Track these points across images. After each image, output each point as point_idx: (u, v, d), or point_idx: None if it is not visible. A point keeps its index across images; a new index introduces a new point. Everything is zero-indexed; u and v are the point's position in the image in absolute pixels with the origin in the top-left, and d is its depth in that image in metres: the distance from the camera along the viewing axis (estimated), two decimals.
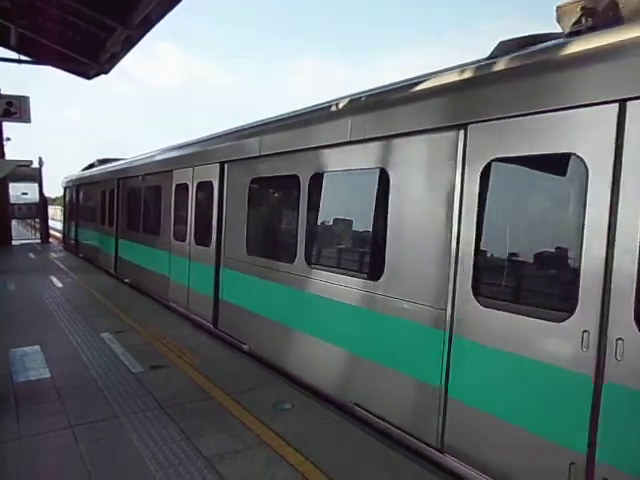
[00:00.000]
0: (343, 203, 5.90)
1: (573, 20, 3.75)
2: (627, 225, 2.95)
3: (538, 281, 3.73)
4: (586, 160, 3.17)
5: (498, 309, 3.65)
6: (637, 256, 2.89)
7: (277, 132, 6.65)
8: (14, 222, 24.11)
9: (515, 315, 3.53)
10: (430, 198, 4.28)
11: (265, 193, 7.35)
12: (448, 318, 4.01)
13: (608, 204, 3.02)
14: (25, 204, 24.18)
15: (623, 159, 2.97)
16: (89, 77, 15.39)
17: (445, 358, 4.04)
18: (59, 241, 25.71)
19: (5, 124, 20.13)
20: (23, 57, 13.52)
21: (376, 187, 4.91)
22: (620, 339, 2.94)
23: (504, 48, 4.02)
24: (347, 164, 5.36)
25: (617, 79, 3.03)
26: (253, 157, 7.06)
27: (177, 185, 9.73)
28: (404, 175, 4.58)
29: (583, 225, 3.14)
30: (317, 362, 5.66)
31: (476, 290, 3.80)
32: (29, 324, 8.15)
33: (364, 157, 5.04)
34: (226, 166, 7.90)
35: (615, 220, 3.00)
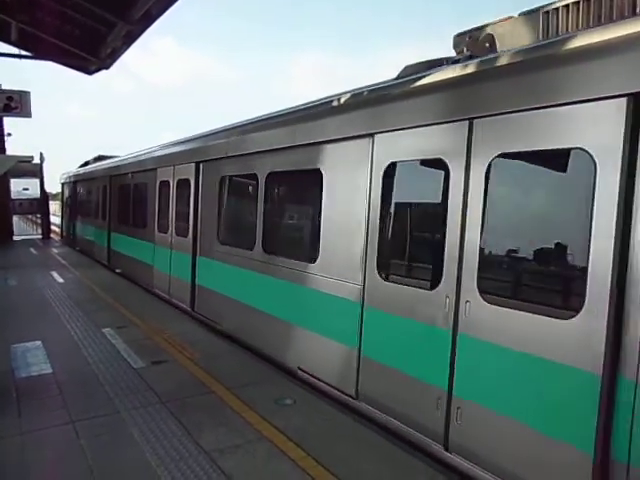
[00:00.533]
0: (291, 199, 7.10)
1: (459, 49, 4.83)
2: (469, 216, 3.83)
3: (419, 261, 4.73)
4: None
5: (394, 282, 4.66)
6: (478, 243, 3.75)
7: (240, 136, 7.55)
8: (15, 218, 24.13)
9: (404, 286, 4.53)
10: (350, 194, 5.17)
11: (232, 189, 8.17)
12: (362, 292, 4.94)
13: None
14: (26, 200, 24.20)
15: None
16: (90, 72, 15.36)
17: (360, 324, 4.97)
18: (60, 237, 25.74)
19: (6, 120, 20.12)
20: (23, 52, 13.50)
21: (314, 185, 5.72)
22: (468, 301, 3.85)
23: (408, 70, 4.97)
24: (294, 165, 6.26)
25: (467, 102, 3.95)
26: (222, 158, 7.98)
27: (160, 182, 10.62)
28: (332, 174, 5.49)
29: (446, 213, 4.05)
30: (271, 335, 6.56)
31: (379, 269, 4.78)
32: (30, 319, 8.17)
33: (306, 159, 5.91)
34: (201, 165, 8.80)
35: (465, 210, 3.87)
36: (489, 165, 3.75)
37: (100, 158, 18.84)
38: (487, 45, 4.99)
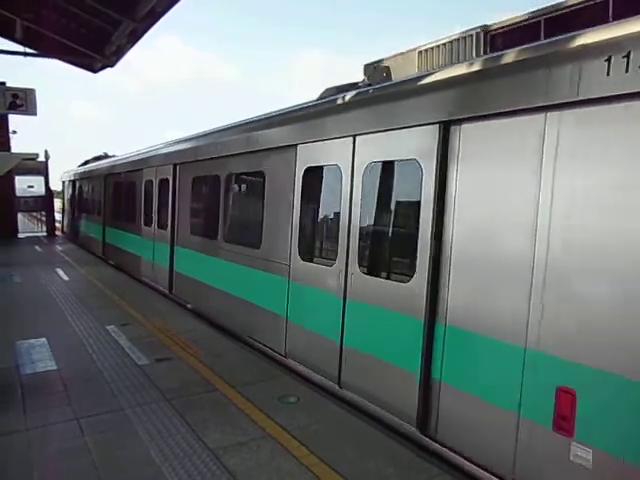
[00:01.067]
0: (244, 196, 8.48)
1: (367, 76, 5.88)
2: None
3: (323, 246, 6.06)
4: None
5: (309, 262, 5.94)
6: (358, 228, 5.03)
7: (206, 143, 8.89)
8: (20, 215, 24.19)
9: (313, 264, 5.88)
10: (282, 193, 6.41)
11: (201, 188, 9.46)
12: (289, 270, 6.19)
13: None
14: (31, 197, 24.26)
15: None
16: (95, 70, 15.40)
17: (287, 296, 6.22)
18: (61, 232, 25.80)
19: (11, 117, 20.15)
20: (28, 50, 13.53)
21: (259, 185, 7.04)
22: (352, 274, 5.10)
23: (326, 93, 6.19)
24: (245, 168, 7.69)
25: (352, 123, 5.25)
26: (193, 161, 9.37)
27: (146, 181, 11.96)
28: (271, 176, 6.78)
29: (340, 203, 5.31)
30: (230, 310, 7.87)
31: (299, 252, 6.07)
32: (35, 316, 8.20)
33: (253, 163, 7.24)
34: (177, 167, 10.15)
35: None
36: (365, 169, 5.07)
37: (98, 158, 19.78)
38: (384, 75, 6.12)
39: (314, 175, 5.92)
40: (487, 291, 3.82)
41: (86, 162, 21.43)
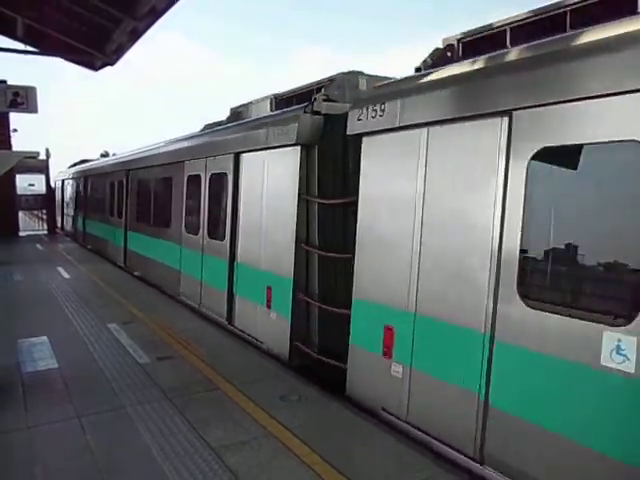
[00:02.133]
0: (163, 194, 11.19)
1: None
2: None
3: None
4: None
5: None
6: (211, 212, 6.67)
7: (144, 156, 12.63)
8: (21, 213, 24.19)
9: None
10: (179, 189, 9.79)
11: (140, 189, 13.17)
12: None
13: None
14: (32, 195, 24.25)
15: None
16: (95, 68, 15.36)
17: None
18: (62, 230, 25.81)
19: (12, 115, 20.11)
20: (29, 48, 13.50)
21: (169, 186, 10.59)
22: (205, 239, 7.73)
23: (205, 128, 9.93)
24: (163, 174, 11.19)
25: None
26: (137, 168, 13.09)
27: (110, 182, 16.07)
28: (176, 180, 10.08)
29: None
30: (162, 275, 10.92)
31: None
32: (36, 315, 8.21)
33: (165, 171, 10.95)
34: (129, 174, 13.86)
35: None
36: (210, 176, 8.61)
37: (83, 161, 23.40)
38: (240, 112, 9.31)
39: (193, 180, 9.37)
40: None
41: (74, 164, 24.95)
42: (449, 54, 5.36)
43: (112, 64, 14.53)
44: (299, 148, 6.08)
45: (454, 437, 4.03)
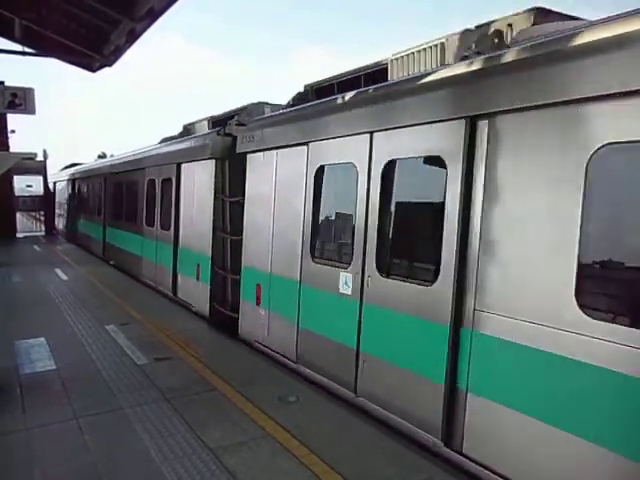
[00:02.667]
0: (133, 195, 13.10)
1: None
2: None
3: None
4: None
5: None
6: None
7: (117, 163, 15.10)
8: (18, 215, 24.13)
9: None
10: (140, 191, 12.16)
11: (116, 191, 15.25)
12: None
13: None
14: (29, 197, 24.21)
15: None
16: (93, 70, 15.33)
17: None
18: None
19: (10, 116, 20.09)
20: (27, 49, 13.48)
21: (136, 187, 12.74)
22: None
23: (163, 141, 12.36)
24: (136, 178, 12.81)
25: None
26: (113, 173, 15.34)
27: (91, 184, 18.83)
28: (140, 183, 12.33)
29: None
30: (134, 263, 12.86)
31: (145, 221, 11.81)
32: (34, 316, 8.19)
33: (135, 177, 12.82)
34: (106, 178, 16.15)
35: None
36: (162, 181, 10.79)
37: (73, 165, 25.01)
38: (188, 129, 11.21)
39: (151, 183, 11.53)
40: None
41: (65, 167, 26.78)
42: (307, 96, 7.26)
43: (110, 65, 14.49)
44: (214, 161, 8.29)
45: (288, 352, 6.23)
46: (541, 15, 4.59)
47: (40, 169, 22.89)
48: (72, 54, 14.16)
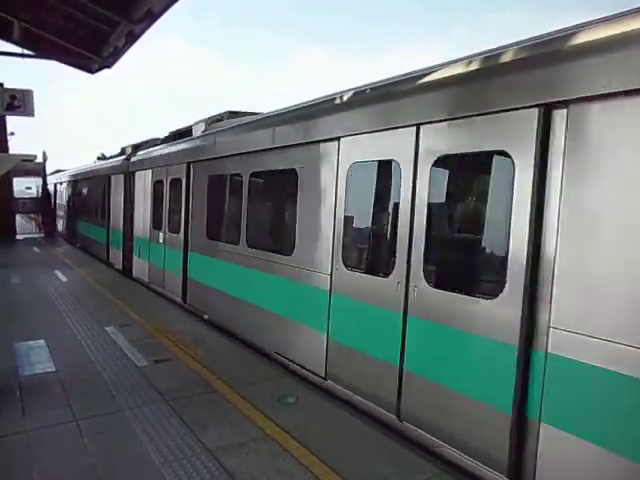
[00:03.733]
0: (101, 196, 16.53)
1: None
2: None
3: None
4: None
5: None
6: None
7: (92, 169, 18.97)
8: (18, 217, 24.14)
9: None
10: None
11: (87, 191, 19.33)
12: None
13: None
14: (29, 198, 24.21)
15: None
16: (92, 71, 15.32)
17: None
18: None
19: (9, 118, 20.09)
20: (26, 51, 13.48)
21: (104, 189, 16.25)
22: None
23: (122, 151, 16.36)
24: (99, 182, 16.88)
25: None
26: (89, 177, 18.75)
27: (75, 187, 21.79)
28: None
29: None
30: (102, 251, 16.15)
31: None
32: (34, 318, 8.19)
33: (99, 181, 17.02)
34: (77, 181, 20.50)
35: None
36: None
37: (57, 172, 27.83)
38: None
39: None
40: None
41: (58, 171, 28.28)
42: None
43: (109, 67, 14.49)
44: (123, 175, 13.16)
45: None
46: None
47: (39, 171, 22.89)
48: (71, 56, 14.16)
